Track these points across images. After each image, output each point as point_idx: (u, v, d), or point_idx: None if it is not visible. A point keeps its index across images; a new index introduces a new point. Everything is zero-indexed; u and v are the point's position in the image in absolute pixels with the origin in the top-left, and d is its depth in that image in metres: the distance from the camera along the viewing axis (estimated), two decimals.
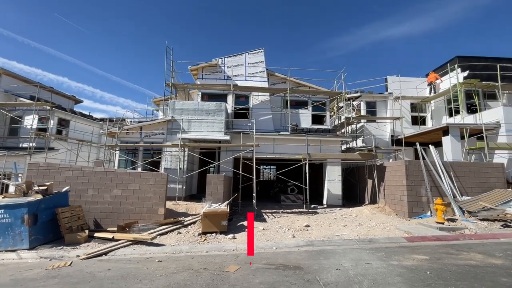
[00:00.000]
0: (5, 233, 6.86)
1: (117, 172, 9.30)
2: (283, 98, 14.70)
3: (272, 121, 14.08)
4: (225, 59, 14.67)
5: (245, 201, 12.57)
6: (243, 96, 14.39)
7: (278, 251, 6.26)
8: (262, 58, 14.57)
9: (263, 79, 14.38)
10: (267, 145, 12.45)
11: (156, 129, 12.14)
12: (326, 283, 4.17)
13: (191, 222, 8.77)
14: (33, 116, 16.21)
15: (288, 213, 10.94)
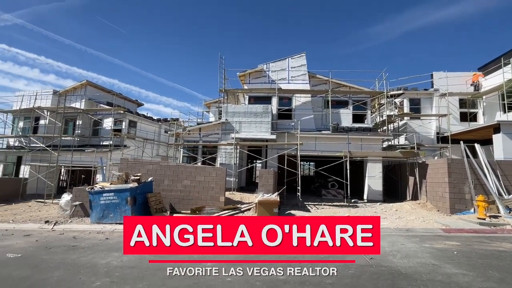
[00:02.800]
0: (115, 210, 9.28)
1: (186, 166, 11.39)
2: (324, 99, 15.60)
3: (314, 120, 15.11)
4: (269, 64, 16.06)
5: (288, 194, 13.93)
6: (286, 98, 15.65)
7: None
8: (304, 62, 15.62)
9: (305, 82, 15.45)
10: (309, 143, 13.57)
11: (212, 130, 14.11)
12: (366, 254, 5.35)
13: (246, 209, 10.45)
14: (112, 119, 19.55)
15: (329, 206, 12.01)
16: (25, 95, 21.10)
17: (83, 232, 8.23)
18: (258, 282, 4.06)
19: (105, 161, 17.58)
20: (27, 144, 19.67)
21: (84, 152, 18.20)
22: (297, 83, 15.45)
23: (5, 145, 21.24)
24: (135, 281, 4.11)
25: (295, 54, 15.84)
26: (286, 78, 15.65)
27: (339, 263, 4.82)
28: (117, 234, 7.97)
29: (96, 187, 9.84)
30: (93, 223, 9.43)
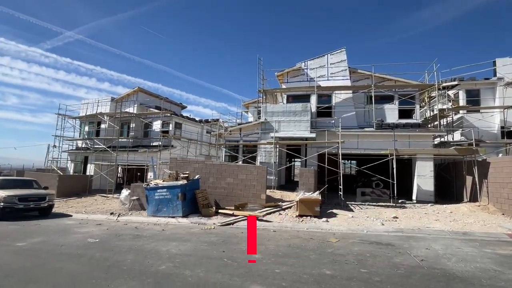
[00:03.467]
0: (168, 205, 10.22)
1: (229, 165, 11.99)
2: (367, 94, 14.97)
3: (356, 117, 14.61)
4: (307, 62, 15.94)
5: (329, 193, 13.71)
6: (325, 95, 15.39)
7: (369, 234, 7.36)
8: (344, 57, 15.17)
9: (346, 77, 14.99)
10: (351, 141, 13.18)
11: (252, 130, 14.56)
12: (416, 255, 5.17)
13: (288, 207, 10.63)
14: (160, 121, 21.29)
15: (374, 206, 11.57)
16: (89, 103, 24.11)
17: (142, 223, 9.26)
18: (305, 275, 4.25)
19: (155, 160, 19.25)
20: (92, 146, 22.49)
21: (137, 152, 20.17)
22: (337, 80, 15.08)
23: (74, 147, 24.51)
24: (194, 266, 4.61)
25: (334, 50, 15.47)
26: (325, 75, 15.38)
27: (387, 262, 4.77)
28: (171, 226, 8.81)
29: (151, 184, 10.93)
30: (149, 216, 10.52)
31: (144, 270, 4.47)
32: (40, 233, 7.68)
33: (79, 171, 23.40)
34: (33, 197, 10.82)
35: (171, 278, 4.09)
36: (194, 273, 4.31)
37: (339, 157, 12.08)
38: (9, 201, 10.11)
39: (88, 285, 3.85)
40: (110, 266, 4.67)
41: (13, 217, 10.16)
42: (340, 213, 10.08)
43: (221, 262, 4.90)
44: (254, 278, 4.13)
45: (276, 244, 6.21)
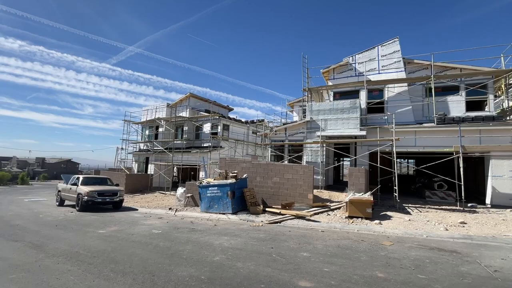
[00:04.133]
0: (219, 202, 10.87)
1: (275, 164, 12.15)
2: (425, 86, 13.57)
3: (412, 112, 13.35)
4: (355, 56, 15.16)
5: (383, 194, 12.82)
6: (376, 90, 14.42)
7: (429, 239, 6.72)
8: (397, 47, 13.99)
9: (399, 69, 13.82)
10: (407, 138, 12.10)
11: (297, 129, 14.48)
12: (488, 265, 4.57)
13: (336, 207, 10.32)
14: (210, 124, 22.64)
15: (436, 209, 10.44)
16: (149, 109, 26.92)
17: (197, 219, 10.04)
18: (355, 276, 4.15)
19: (206, 160, 20.55)
20: (152, 148, 25.08)
21: (190, 153, 21.79)
22: (389, 72, 14.02)
23: (137, 149, 27.64)
24: (244, 260, 4.89)
25: (386, 41, 14.40)
26: (375, 69, 14.43)
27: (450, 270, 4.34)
28: (222, 222, 9.37)
29: (203, 182, 11.75)
30: (202, 212, 11.32)
31: (200, 259, 4.91)
32: (114, 223, 8.96)
33: (141, 171, 26.30)
34: (108, 192, 12.62)
35: (225, 269, 4.42)
36: (245, 265, 4.58)
37: (393, 155, 11.23)
38: (91, 195, 11.98)
39: (156, 268, 4.41)
40: (172, 254, 5.25)
41: (93, 209, 12.02)
42: (395, 215, 9.39)
43: (270, 257, 5.08)
44: (302, 275, 4.19)
45: (324, 244, 6.14)
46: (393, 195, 11.21)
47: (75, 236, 6.82)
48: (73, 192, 12.83)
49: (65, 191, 13.73)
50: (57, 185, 15.68)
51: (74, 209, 12.26)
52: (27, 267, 4.46)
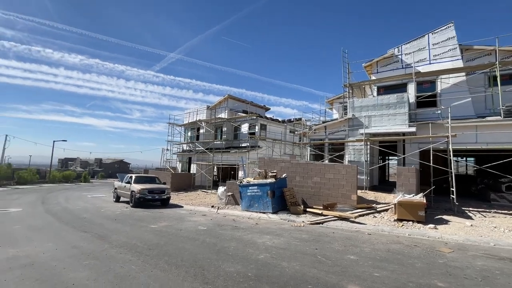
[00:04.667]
0: (259, 201, 11.00)
1: (315, 164, 11.87)
2: (488, 75, 11.99)
3: (472, 104, 11.88)
4: (401, 47, 14.04)
5: (437, 196, 11.66)
6: (427, 82, 13.17)
7: (498, 247, 5.93)
8: (452, 34, 12.58)
9: (455, 58, 12.41)
10: (466, 134, 10.81)
11: (338, 127, 13.94)
12: None
13: (383, 209, 9.70)
14: (247, 124, 23.04)
15: (504, 214, 9.16)
16: (190, 112, 28.40)
17: (238, 217, 10.29)
18: (410, 283, 3.85)
19: (244, 160, 20.95)
20: (194, 148, 26.41)
21: (229, 153, 22.42)
22: (442, 62, 12.69)
23: (181, 149, 29.34)
24: (289, 259, 4.87)
25: (438, 28, 13.06)
26: (426, 59, 13.19)
27: None
28: (263, 221, 9.47)
29: (243, 182, 12.00)
30: (243, 210, 11.55)
31: (245, 257, 5.03)
32: (164, 219, 9.64)
33: (185, 170, 27.86)
34: (157, 190, 13.63)
35: (270, 267, 4.46)
36: (290, 265, 4.57)
37: (449, 153, 10.15)
38: (142, 193, 13.06)
39: (205, 263, 4.64)
40: (219, 250, 5.47)
41: (144, 205, 13.08)
42: (453, 220, 8.48)
43: (314, 258, 4.99)
44: (351, 278, 4.03)
45: (372, 248, 5.81)
46: (449, 197, 10.14)
47: (131, 230, 7.51)
48: (127, 190, 14.13)
49: (121, 189, 15.18)
50: (113, 183, 17.44)
51: (128, 205, 13.50)
52: (96, 255, 5.05)
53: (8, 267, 4.38)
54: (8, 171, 30.34)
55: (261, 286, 3.72)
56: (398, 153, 13.00)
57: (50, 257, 4.93)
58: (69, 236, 6.67)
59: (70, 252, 5.22)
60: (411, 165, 11.49)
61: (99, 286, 3.65)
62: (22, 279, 3.88)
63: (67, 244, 5.88)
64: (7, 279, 3.87)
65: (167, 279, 3.92)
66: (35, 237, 6.52)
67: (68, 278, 3.93)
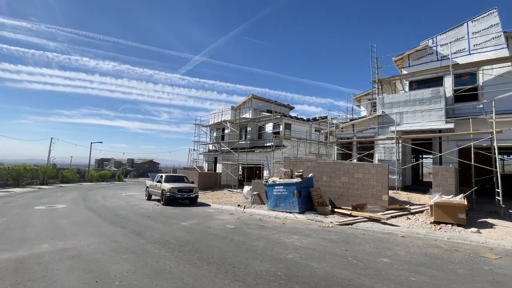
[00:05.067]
0: (285, 201, 10.95)
1: (343, 163, 11.54)
2: None
3: None
4: (436, 38, 13.14)
5: (479, 198, 10.76)
6: (466, 74, 12.19)
7: None
8: (496, 21, 11.51)
9: (500, 46, 11.34)
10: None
11: (367, 124, 13.41)
12: None
13: (418, 211, 9.17)
14: (271, 124, 23.01)
15: None
16: (215, 113, 29.01)
17: (265, 216, 10.33)
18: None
19: (269, 159, 20.95)
20: (219, 148, 26.96)
21: (254, 153, 22.55)
22: (484, 52, 11.68)
23: (207, 150, 30.10)
24: (319, 260, 4.80)
25: (478, 15, 12.04)
26: (465, 49, 12.22)
27: None
28: (289, 221, 9.42)
29: (269, 181, 12.01)
30: (269, 210, 11.57)
31: (274, 256, 5.04)
32: (193, 216, 9.98)
33: (211, 169, 28.53)
34: (185, 189, 14.13)
35: (300, 267, 4.43)
36: (320, 266, 4.50)
37: (493, 151, 9.32)
38: (172, 191, 13.61)
39: (235, 260, 4.74)
40: (247, 249, 5.54)
41: (174, 203, 13.61)
42: (500, 223, 7.78)
43: (345, 260, 4.86)
44: (385, 282, 3.87)
45: (407, 251, 5.53)
46: (493, 199, 9.34)
47: (164, 227, 7.88)
48: (158, 188, 14.82)
49: (152, 187, 15.96)
50: (145, 182, 18.38)
51: (159, 203, 14.15)
52: (133, 249, 5.38)
53: (59, 258, 4.82)
54: (54, 171, 33.27)
55: (292, 285, 3.71)
56: (433, 151, 12.19)
57: (94, 250, 5.34)
58: (109, 231, 7.17)
59: (110, 246, 5.61)
60: (448, 164, 10.73)
61: (138, 278, 3.89)
62: (71, 269, 4.25)
63: (107, 238, 6.32)
64: (59, 269, 4.26)
65: (200, 274, 4.06)
66: (79, 231, 7.10)
67: (110, 270, 4.23)
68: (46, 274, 4.02)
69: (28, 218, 9.11)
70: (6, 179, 24.20)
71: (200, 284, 3.71)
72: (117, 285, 3.65)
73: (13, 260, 4.68)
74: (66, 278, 3.88)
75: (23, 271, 4.14)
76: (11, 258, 4.76)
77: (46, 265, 4.40)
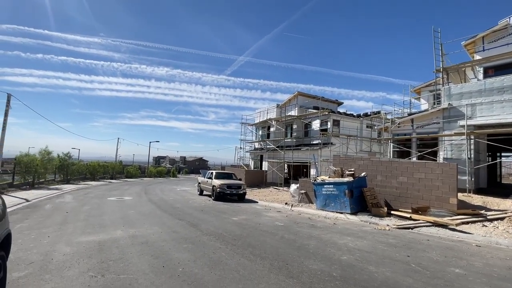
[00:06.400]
0: (335, 200, 10.54)
1: (401, 162, 10.59)
2: None
3: None
4: None
5: None
6: None
7: None
8: None
9: None
10: None
11: (430, 119, 12.05)
12: None
13: (496, 218, 7.91)
14: (319, 121, 22.34)
15: None
16: (261, 111, 29.37)
17: (313, 215, 10.11)
18: None
19: (316, 157, 20.39)
20: (265, 146, 27.25)
21: (300, 151, 22.19)
22: None
23: (253, 148, 30.70)
24: (377, 264, 4.51)
25: None
26: None
27: None
28: (341, 221, 9.03)
29: (318, 180, 11.69)
30: (318, 209, 11.27)
31: (327, 256, 4.90)
32: (242, 212, 10.29)
33: (257, 167, 29.03)
34: (234, 185, 14.65)
35: (356, 270, 4.23)
36: (379, 270, 4.22)
37: None
38: (222, 187, 14.25)
39: (287, 258, 4.75)
40: (299, 247, 5.50)
41: (223, 199, 14.23)
42: None
43: (408, 266, 4.47)
44: None
45: (484, 263, 4.82)
46: None
47: (216, 221, 8.31)
48: (209, 184, 15.67)
49: (203, 183, 16.95)
50: (197, 178, 19.61)
51: (210, 198, 14.96)
52: (191, 240, 5.80)
53: (131, 243, 5.47)
54: (120, 167, 37.87)
55: (349, 287, 3.56)
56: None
57: (158, 238, 5.92)
58: (169, 222, 7.86)
59: (172, 236, 6.15)
60: None
61: (198, 267, 4.18)
62: (141, 254, 4.79)
63: (168, 228, 6.94)
64: (132, 252, 4.84)
65: (254, 268, 4.18)
66: (145, 221, 7.94)
67: (174, 257, 4.64)
68: (122, 256, 4.60)
69: (103, 207, 10.54)
70: (85, 174, 28.40)
71: (255, 277, 3.81)
72: (181, 272, 3.98)
73: (97, 242, 5.47)
74: (139, 261, 4.38)
75: (105, 252, 4.81)
76: (95, 240, 5.58)
77: (122, 249, 5.04)
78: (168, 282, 3.61)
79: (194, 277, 3.77)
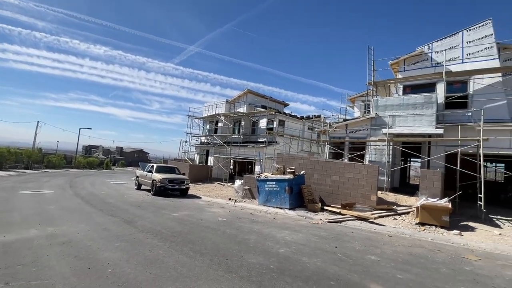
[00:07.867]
0: (276, 196, 11.07)
1: (335, 162, 11.74)
2: None
3: (507, 107, 11.21)
4: (432, 44, 13.40)
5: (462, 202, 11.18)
6: (458, 82, 12.52)
7: None
8: (490, 31, 11.83)
9: (491, 57, 11.68)
10: (500, 138, 10.25)
11: (360, 126, 13.64)
12: None
13: (404, 212, 9.47)
14: (266, 119, 23.05)
15: None
16: (209, 105, 28.78)
17: (255, 210, 10.44)
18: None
19: (261, 155, 21.03)
20: (211, 141, 26.83)
21: (246, 148, 22.57)
22: (477, 61, 12.02)
23: (199, 142, 29.90)
24: (310, 255, 4.92)
25: (473, 25, 12.34)
26: (458, 57, 12.54)
27: None
28: (280, 216, 9.55)
29: (262, 176, 12.09)
30: (260, 205, 11.68)
31: (266, 249, 5.14)
32: (184, 208, 9.97)
33: (202, 162, 28.41)
34: (176, 180, 14.04)
35: (291, 261, 4.54)
36: (311, 261, 4.62)
37: (479, 158, 9.69)
38: (163, 182, 13.50)
39: (228, 252, 4.80)
40: (239, 241, 5.62)
41: (164, 194, 13.53)
42: (480, 227, 8.15)
43: (335, 256, 5.01)
44: (374, 278, 4.02)
45: (393, 250, 5.73)
46: (475, 204, 9.73)
47: (155, 217, 7.85)
48: (148, 178, 14.66)
49: (142, 177, 15.78)
50: (135, 171, 18.13)
51: (149, 193, 14.03)
52: (125, 238, 5.35)
53: (49, 243, 4.75)
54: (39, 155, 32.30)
55: (284, 278, 3.81)
56: (422, 155, 12.54)
57: (84, 237, 5.28)
58: (99, 219, 7.09)
59: (101, 234, 5.57)
60: (436, 168, 11.08)
61: (131, 266, 3.89)
62: (62, 255, 4.20)
63: (98, 226, 6.26)
64: (49, 254, 4.21)
65: (194, 265, 4.10)
66: (68, 217, 6.99)
67: (102, 257, 4.21)
68: (36, 259, 3.97)
69: (13, 202, 8.89)
70: None
71: (194, 274, 3.75)
72: (110, 273, 3.64)
73: (1, 243, 4.59)
74: (58, 264, 3.84)
75: (12, 255, 4.07)
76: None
77: (35, 250, 4.34)
78: (94, 284, 3.27)
79: (126, 278, 3.50)
